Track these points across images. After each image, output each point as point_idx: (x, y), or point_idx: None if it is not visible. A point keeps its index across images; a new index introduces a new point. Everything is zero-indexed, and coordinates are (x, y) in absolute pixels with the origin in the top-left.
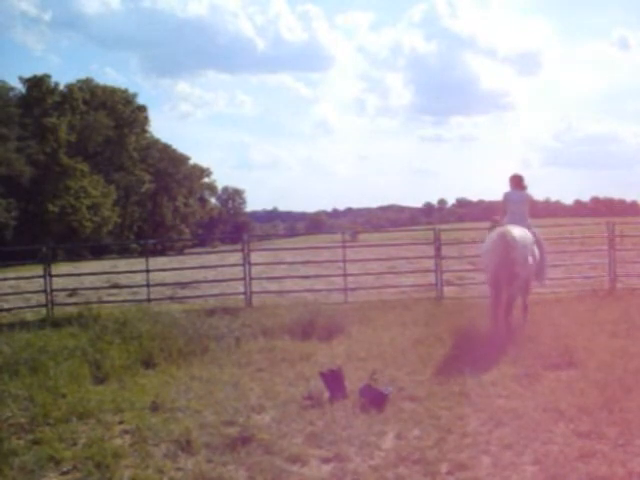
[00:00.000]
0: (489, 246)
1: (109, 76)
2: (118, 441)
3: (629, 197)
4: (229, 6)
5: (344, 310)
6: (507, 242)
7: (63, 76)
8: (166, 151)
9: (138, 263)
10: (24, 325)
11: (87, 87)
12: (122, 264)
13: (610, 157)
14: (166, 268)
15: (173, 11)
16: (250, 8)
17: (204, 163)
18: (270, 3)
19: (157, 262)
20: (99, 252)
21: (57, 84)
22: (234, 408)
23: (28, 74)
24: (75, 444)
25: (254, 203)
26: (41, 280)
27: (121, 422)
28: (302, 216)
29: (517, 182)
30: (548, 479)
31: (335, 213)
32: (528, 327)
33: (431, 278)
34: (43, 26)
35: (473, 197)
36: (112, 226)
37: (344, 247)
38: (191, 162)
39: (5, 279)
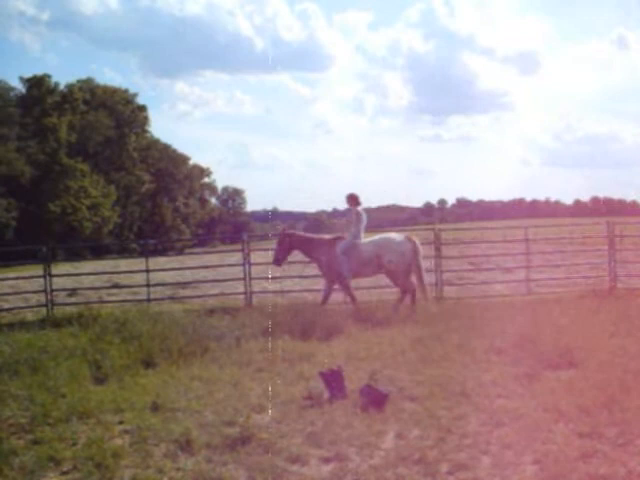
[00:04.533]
0: (407, 248)
1: (107, 76)
2: (118, 441)
3: (629, 197)
4: (226, 5)
5: (344, 310)
6: (418, 247)
7: (61, 76)
8: (166, 151)
9: (138, 263)
10: (24, 325)
11: (87, 87)
12: (122, 264)
13: (610, 157)
14: (166, 268)
15: (171, 10)
16: (247, 7)
17: (204, 163)
18: (268, 2)
19: (157, 262)
20: (99, 252)
21: (57, 84)
22: (234, 408)
23: (26, 74)
24: (75, 444)
25: (254, 203)
26: (41, 280)
27: (121, 422)
28: (302, 216)
29: (356, 200)
30: (548, 479)
31: (335, 213)
32: (527, 327)
33: (431, 278)
34: (41, 26)
35: (473, 197)
36: (112, 226)
37: None
38: (191, 162)
39: (5, 279)
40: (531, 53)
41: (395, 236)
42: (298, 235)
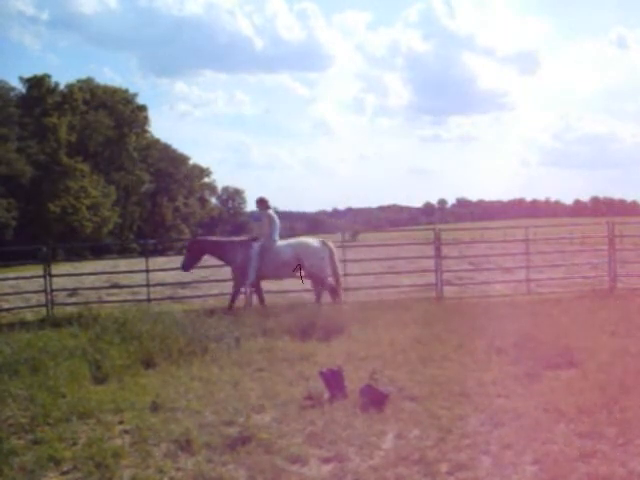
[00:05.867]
0: (326, 254)
1: (107, 76)
2: (118, 441)
3: (629, 197)
4: (226, 5)
5: (344, 310)
6: (334, 251)
7: (60, 76)
8: (166, 151)
9: (138, 263)
10: (24, 325)
11: (87, 87)
12: (122, 264)
13: (609, 156)
14: (166, 268)
15: (170, 10)
16: (247, 7)
17: (204, 163)
18: (267, 2)
19: (157, 262)
20: (99, 252)
21: (57, 84)
22: (234, 408)
23: (26, 74)
24: (75, 444)
25: (254, 203)
26: (41, 280)
27: (121, 422)
28: (302, 216)
29: (265, 204)
30: (548, 479)
31: (335, 213)
32: (526, 327)
33: (431, 278)
34: (41, 26)
35: (473, 197)
36: (112, 226)
37: (344, 247)
38: (191, 162)
39: (5, 279)
40: (531, 53)
41: (313, 241)
42: (207, 240)
